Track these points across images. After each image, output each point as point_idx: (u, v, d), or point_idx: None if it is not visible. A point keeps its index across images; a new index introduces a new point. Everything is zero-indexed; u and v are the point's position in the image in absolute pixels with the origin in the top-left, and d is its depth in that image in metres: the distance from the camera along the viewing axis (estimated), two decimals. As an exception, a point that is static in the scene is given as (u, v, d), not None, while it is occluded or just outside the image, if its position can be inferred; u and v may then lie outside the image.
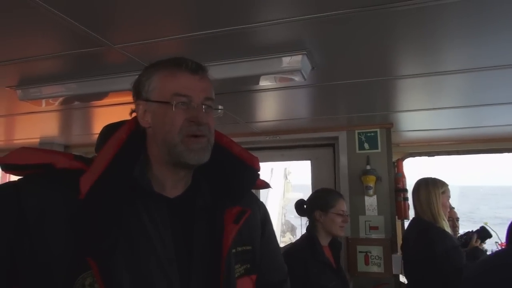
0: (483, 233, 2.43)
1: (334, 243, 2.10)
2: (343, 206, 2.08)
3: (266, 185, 1.14)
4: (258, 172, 1.03)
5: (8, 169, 0.87)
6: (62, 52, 1.48)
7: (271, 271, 1.08)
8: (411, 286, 2.37)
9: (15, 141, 3.49)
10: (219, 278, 0.87)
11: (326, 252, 2.03)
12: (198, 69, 0.91)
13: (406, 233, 2.52)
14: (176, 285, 0.83)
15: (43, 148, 1.53)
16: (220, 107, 0.97)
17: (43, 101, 1.94)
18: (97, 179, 0.81)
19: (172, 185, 0.93)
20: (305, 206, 2.17)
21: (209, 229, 0.91)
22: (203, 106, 0.90)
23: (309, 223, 2.12)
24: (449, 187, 2.35)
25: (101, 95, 1.85)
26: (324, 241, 2.05)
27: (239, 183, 0.99)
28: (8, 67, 1.63)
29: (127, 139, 0.91)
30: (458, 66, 1.66)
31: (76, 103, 2.03)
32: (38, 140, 3.43)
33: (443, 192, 2.28)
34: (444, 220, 2.24)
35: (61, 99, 1.90)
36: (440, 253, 2.13)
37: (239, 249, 0.96)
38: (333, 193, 2.16)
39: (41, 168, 0.85)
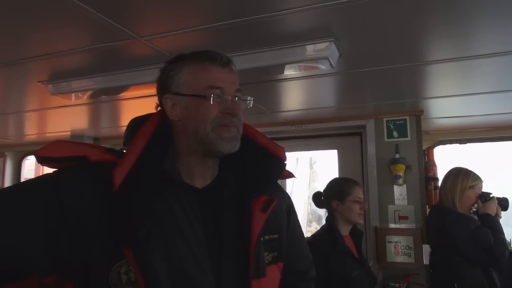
0: (505, 202, 2.32)
1: (355, 232, 2.09)
2: (360, 193, 2.06)
3: (291, 175, 1.14)
4: (285, 162, 1.03)
5: (43, 162, 0.89)
6: (90, 46, 1.51)
7: (297, 259, 1.10)
8: (436, 273, 2.33)
9: (47, 134, 3.60)
10: (249, 265, 0.88)
11: (347, 242, 2.02)
12: (228, 62, 0.93)
13: (427, 220, 2.53)
14: (208, 273, 0.85)
15: (77, 141, 1.57)
16: (249, 97, 0.97)
17: (73, 95, 1.99)
18: (129, 171, 0.83)
19: (200, 175, 0.95)
20: (322, 197, 2.16)
21: (237, 218, 0.93)
22: (234, 98, 0.92)
23: (328, 214, 2.11)
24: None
25: (129, 88, 1.87)
26: (344, 230, 2.04)
27: (265, 173, 0.99)
28: (39, 62, 1.68)
29: (154, 132, 0.93)
30: (491, 49, 1.58)
31: (105, 96, 2.07)
32: (69, 133, 3.53)
33: (472, 187, 2.25)
34: (463, 211, 2.22)
35: (90, 92, 1.94)
36: (465, 237, 2.12)
37: (267, 237, 0.97)
38: (348, 181, 2.14)
39: (75, 161, 0.87)
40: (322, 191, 2.18)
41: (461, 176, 2.27)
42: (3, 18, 1.28)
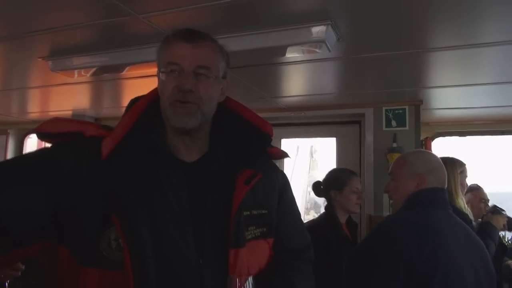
0: None
1: (351, 223, 2.17)
2: (357, 183, 2.13)
3: (283, 155, 1.16)
4: (270, 137, 1.05)
5: (43, 137, 0.95)
6: (89, 22, 1.51)
7: (290, 237, 1.10)
8: None
9: (50, 113, 3.62)
10: (228, 235, 0.91)
11: (344, 229, 2.10)
12: (189, 37, 0.93)
13: None
14: (190, 240, 0.89)
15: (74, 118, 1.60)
16: (213, 76, 0.95)
17: (75, 72, 1.99)
18: (118, 142, 0.88)
19: (185, 150, 0.98)
20: (321, 187, 2.23)
21: (223, 191, 0.96)
22: (192, 74, 0.91)
23: (327, 202, 2.18)
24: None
25: (128, 67, 1.88)
26: (342, 218, 2.11)
27: (251, 147, 1.02)
28: (39, 37, 1.68)
29: (147, 108, 0.97)
30: (497, 38, 1.56)
31: (106, 74, 2.08)
32: (70, 112, 3.55)
33: (461, 172, 2.25)
34: (462, 199, 2.22)
35: (90, 70, 1.95)
36: None
37: (254, 212, 0.99)
38: (346, 172, 2.21)
39: (71, 136, 0.92)
40: (321, 180, 2.24)
41: (449, 165, 2.26)
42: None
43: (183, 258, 0.87)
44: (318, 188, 2.24)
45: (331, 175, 2.21)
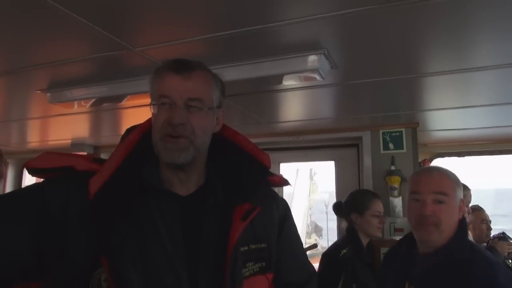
0: None
1: (370, 247, 2.11)
2: (379, 206, 2.06)
3: (284, 183, 1.11)
4: (268, 169, 1.02)
5: (34, 173, 0.92)
6: (86, 56, 1.53)
7: (291, 270, 1.06)
8: None
9: (49, 142, 3.63)
10: (224, 275, 0.87)
11: None
12: (180, 68, 0.90)
13: None
14: (184, 281, 0.85)
15: (65, 152, 1.61)
16: (206, 108, 0.92)
17: (75, 103, 2.00)
18: (106, 180, 0.85)
19: (179, 183, 0.95)
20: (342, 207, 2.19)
21: (219, 226, 0.92)
22: (184, 106, 0.89)
23: (348, 225, 2.11)
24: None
25: (126, 97, 1.89)
26: (363, 242, 2.05)
27: (249, 180, 0.98)
28: (38, 71, 1.70)
29: (140, 140, 0.94)
30: (490, 62, 1.58)
31: (104, 105, 2.10)
32: (70, 141, 3.56)
33: (463, 196, 2.22)
34: None
35: (88, 101, 1.97)
36: None
37: (253, 246, 0.95)
38: (368, 194, 2.14)
39: (63, 171, 0.89)
40: (342, 201, 2.20)
41: None
42: (4, 28, 1.31)
43: None
44: (339, 208, 2.19)
45: (352, 197, 2.15)
